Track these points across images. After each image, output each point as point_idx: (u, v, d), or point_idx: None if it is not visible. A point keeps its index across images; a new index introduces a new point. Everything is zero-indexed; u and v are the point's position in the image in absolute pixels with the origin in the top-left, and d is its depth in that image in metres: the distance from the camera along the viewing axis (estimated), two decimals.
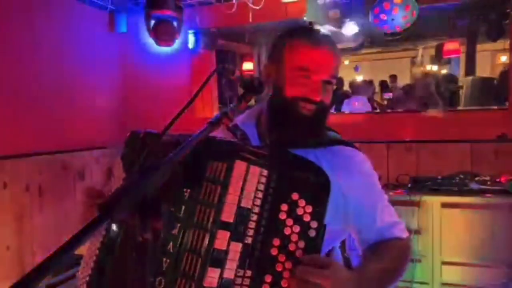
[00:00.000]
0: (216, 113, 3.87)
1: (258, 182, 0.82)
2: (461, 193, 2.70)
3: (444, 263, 2.70)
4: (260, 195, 0.82)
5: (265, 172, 0.82)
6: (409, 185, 2.93)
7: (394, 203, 1.12)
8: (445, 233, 2.69)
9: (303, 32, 1.06)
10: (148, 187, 0.62)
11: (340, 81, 5.77)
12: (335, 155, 1.04)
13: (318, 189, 0.82)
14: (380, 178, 1.12)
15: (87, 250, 0.88)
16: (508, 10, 3.22)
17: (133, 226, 0.80)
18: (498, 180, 2.77)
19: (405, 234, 1.08)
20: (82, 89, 3.49)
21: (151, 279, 0.78)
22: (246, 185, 0.81)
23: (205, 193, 0.81)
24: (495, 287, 2.57)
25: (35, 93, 3.02)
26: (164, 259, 0.78)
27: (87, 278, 0.85)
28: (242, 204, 0.81)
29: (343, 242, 1.18)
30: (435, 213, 2.70)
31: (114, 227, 0.83)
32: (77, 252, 0.54)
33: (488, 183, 2.76)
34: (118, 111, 3.92)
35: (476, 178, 2.85)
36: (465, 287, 2.64)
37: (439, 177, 2.96)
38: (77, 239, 0.51)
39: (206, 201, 0.80)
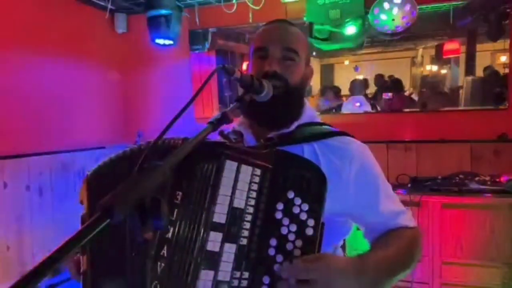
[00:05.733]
0: (216, 113, 3.88)
1: (251, 182, 0.80)
2: (461, 193, 2.70)
3: (444, 263, 2.70)
4: (253, 194, 0.80)
5: (258, 171, 0.81)
6: (409, 185, 2.93)
7: None
8: (445, 233, 2.69)
9: (264, 24, 1.11)
10: (148, 187, 0.62)
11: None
12: (331, 147, 1.01)
13: (314, 187, 0.81)
14: None
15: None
16: (508, 10, 3.22)
17: (133, 227, 0.79)
18: (498, 180, 2.77)
19: (412, 223, 1.03)
20: (82, 89, 3.49)
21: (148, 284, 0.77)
22: (238, 185, 0.79)
23: (196, 195, 0.79)
24: (495, 287, 2.57)
25: (35, 93, 3.02)
26: (159, 263, 0.77)
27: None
28: (235, 205, 0.79)
29: (344, 244, 1.16)
30: (435, 213, 2.70)
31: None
32: None
33: (488, 183, 2.76)
34: (118, 111, 3.92)
35: (476, 178, 2.85)
36: (465, 287, 2.65)
37: (439, 177, 2.96)
38: (77, 239, 0.51)
39: (197, 203, 0.78)
